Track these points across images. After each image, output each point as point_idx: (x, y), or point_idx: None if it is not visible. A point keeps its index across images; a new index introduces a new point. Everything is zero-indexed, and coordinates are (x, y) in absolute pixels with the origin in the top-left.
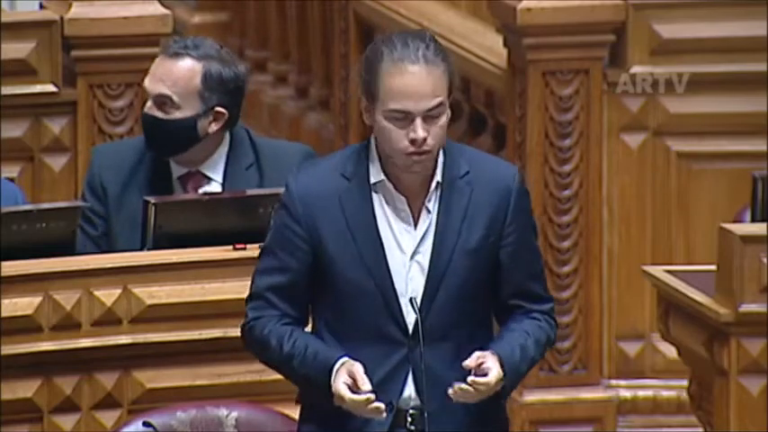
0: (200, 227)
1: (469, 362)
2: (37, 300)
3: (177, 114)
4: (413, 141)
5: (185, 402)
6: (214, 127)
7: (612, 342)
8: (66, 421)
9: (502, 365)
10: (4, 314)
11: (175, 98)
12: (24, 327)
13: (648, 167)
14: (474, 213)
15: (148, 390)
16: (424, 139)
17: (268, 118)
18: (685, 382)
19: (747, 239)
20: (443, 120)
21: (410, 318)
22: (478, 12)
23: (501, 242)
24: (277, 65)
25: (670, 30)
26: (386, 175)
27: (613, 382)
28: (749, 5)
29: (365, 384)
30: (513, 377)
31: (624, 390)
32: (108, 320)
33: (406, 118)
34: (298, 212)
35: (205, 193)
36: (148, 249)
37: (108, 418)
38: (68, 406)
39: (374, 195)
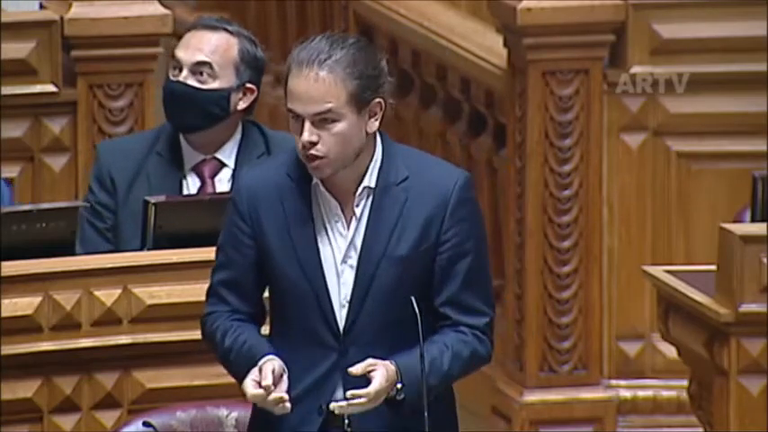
0: (200, 227)
1: (355, 369)
2: (37, 300)
3: (214, 84)
4: (302, 145)
5: (185, 402)
6: (242, 104)
7: (612, 342)
8: (66, 421)
9: (400, 375)
10: (4, 314)
11: (215, 66)
12: (24, 327)
13: (648, 167)
14: (407, 220)
15: (148, 390)
16: (312, 143)
17: (268, 118)
18: (685, 382)
19: (747, 239)
20: (339, 127)
21: (342, 322)
22: (478, 12)
23: (437, 249)
24: (277, 65)
25: (670, 30)
26: (320, 179)
27: (613, 382)
28: (749, 5)
29: (266, 380)
30: (414, 387)
31: (624, 390)
32: (108, 320)
33: (298, 117)
34: (243, 207)
35: (205, 193)
36: (148, 249)
37: (108, 418)
38: (68, 406)
39: (312, 197)
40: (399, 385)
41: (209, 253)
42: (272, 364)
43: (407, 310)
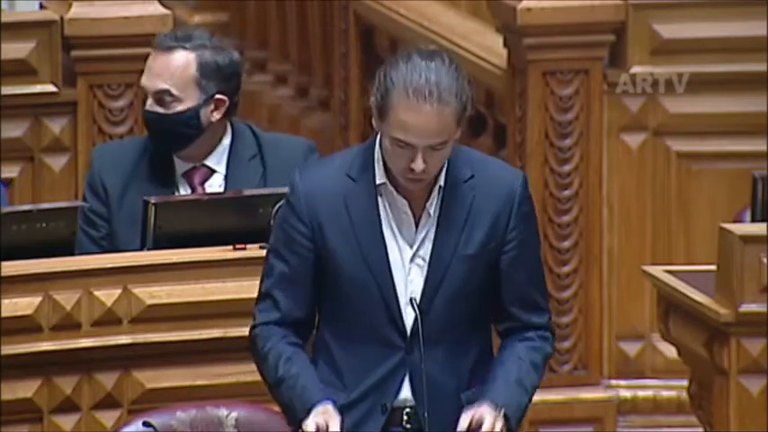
0: (200, 227)
1: (461, 427)
2: (37, 300)
3: (179, 107)
4: (411, 170)
5: (185, 402)
6: (216, 115)
7: (612, 342)
8: (66, 421)
9: (500, 408)
10: (4, 314)
11: (174, 91)
12: (24, 327)
13: (648, 167)
14: (476, 218)
15: (148, 390)
16: (423, 170)
17: (268, 118)
18: (685, 382)
19: (747, 239)
20: (445, 150)
21: (409, 320)
22: (478, 12)
23: (502, 248)
24: (277, 65)
25: (670, 30)
26: (389, 177)
27: (613, 382)
28: (749, 5)
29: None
30: (517, 414)
31: (624, 390)
32: (108, 320)
33: (408, 146)
34: (302, 210)
35: (205, 193)
36: (148, 249)
37: (108, 418)
38: (68, 406)
39: (378, 197)
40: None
41: (209, 253)
42: (335, 419)
43: (472, 308)
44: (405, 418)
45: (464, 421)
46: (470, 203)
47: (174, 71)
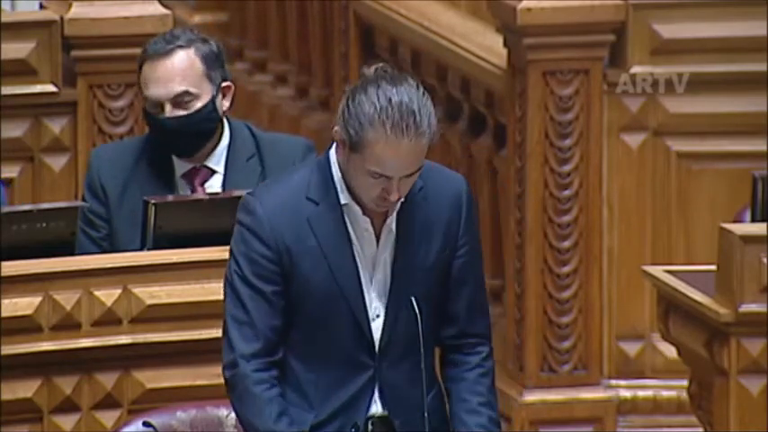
0: (200, 227)
1: None
2: (37, 300)
3: (198, 104)
4: (384, 199)
5: (185, 402)
6: (226, 103)
7: (612, 342)
8: (66, 421)
9: None
10: (4, 314)
11: (192, 89)
12: (24, 327)
13: (648, 167)
14: (431, 228)
15: (148, 390)
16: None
17: (268, 118)
18: (685, 382)
19: (747, 239)
20: (417, 173)
21: (377, 335)
22: (478, 12)
23: (454, 254)
24: (277, 65)
25: (670, 30)
26: (352, 197)
27: (613, 382)
28: (749, 5)
29: None
30: None
31: (624, 390)
32: (108, 320)
33: (383, 177)
34: (267, 236)
35: (205, 193)
36: (148, 249)
37: (108, 418)
38: (68, 406)
39: (344, 216)
40: None
41: (209, 253)
42: None
43: (430, 318)
44: (370, 427)
45: None
46: (425, 214)
47: (186, 71)
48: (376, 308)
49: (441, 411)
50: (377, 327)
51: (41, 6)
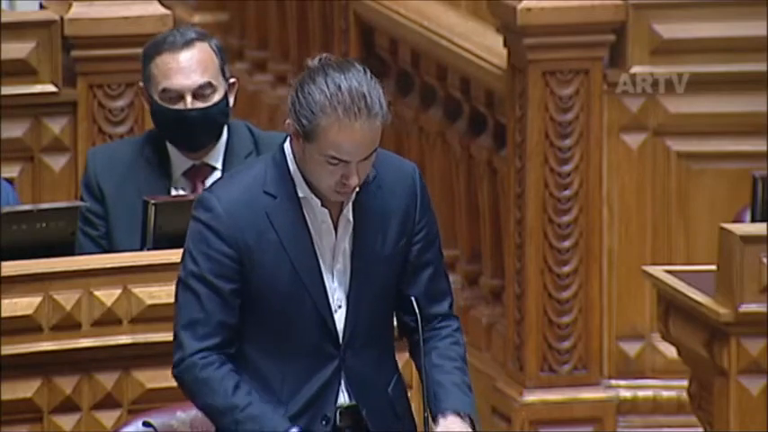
0: None
1: None
2: (37, 300)
3: (216, 97)
4: (344, 184)
5: (185, 402)
6: (232, 99)
7: (612, 342)
8: (67, 421)
9: (465, 416)
10: (4, 314)
11: (213, 81)
12: (24, 327)
13: (648, 167)
14: (387, 217)
15: (148, 390)
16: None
17: (268, 118)
18: (685, 382)
19: (747, 239)
20: (373, 156)
21: (340, 326)
22: (478, 12)
23: (412, 240)
24: (277, 65)
25: (670, 30)
26: (310, 190)
27: (613, 382)
28: (749, 5)
29: None
30: (476, 416)
31: (624, 390)
32: (108, 320)
33: (341, 162)
34: (225, 233)
35: None
36: (148, 249)
37: (108, 418)
38: (68, 406)
39: (303, 209)
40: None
41: None
42: None
43: (390, 305)
44: (338, 417)
45: None
46: (380, 203)
47: (208, 62)
48: (338, 299)
49: (403, 398)
50: (339, 317)
51: (41, 6)
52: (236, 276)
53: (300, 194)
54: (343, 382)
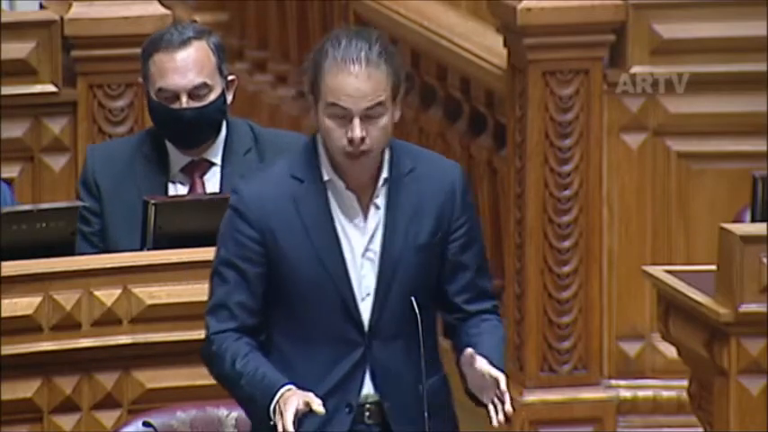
0: (200, 227)
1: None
2: (37, 300)
3: (212, 96)
4: (350, 141)
5: (185, 402)
6: (230, 97)
7: (612, 342)
8: (67, 421)
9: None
10: (4, 314)
11: (209, 81)
12: (24, 327)
13: (648, 167)
14: (422, 209)
15: (148, 390)
16: (362, 139)
17: (268, 118)
18: (685, 382)
19: (747, 239)
20: (384, 121)
21: (365, 316)
22: (478, 12)
23: (449, 237)
24: (277, 65)
25: (670, 30)
26: (335, 172)
27: (613, 382)
28: (749, 5)
29: (321, 407)
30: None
31: (624, 390)
32: (108, 320)
33: (345, 116)
34: (251, 217)
35: (205, 193)
36: (148, 249)
37: (108, 418)
38: (68, 406)
39: (328, 194)
40: None
41: (209, 253)
42: (294, 400)
43: (424, 300)
44: (366, 414)
45: (487, 368)
46: (415, 195)
47: (204, 62)
48: (366, 287)
49: (439, 398)
50: (366, 306)
51: (41, 6)
52: (261, 260)
53: (326, 178)
54: (367, 371)
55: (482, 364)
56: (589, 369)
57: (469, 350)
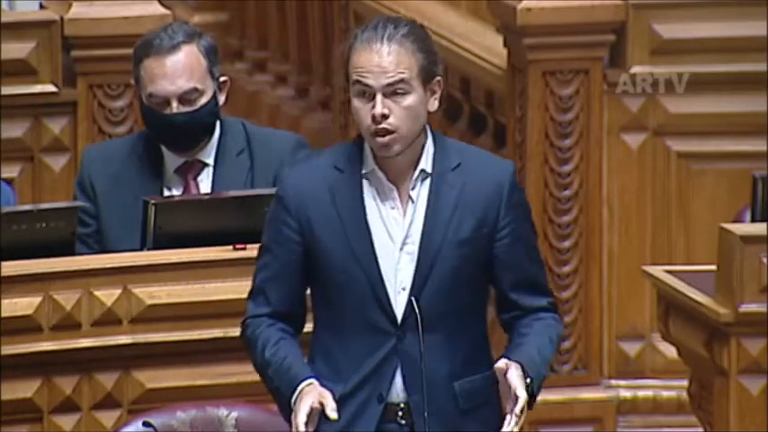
0: (200, 227)
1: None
2: (37, 300)
3: (203, 100)
4: (373, 118)
5: (185, 402)
6: (222, 98)
7: (612, 342)
8: (67, 421)
9: (525, 372)
10: (4, 314)
11: (199, 86)
12: (24, 327)
13: (648, 167)
14: (465, 205)
15: (148, 390)
16: (384, 116)
17: (268, 118)
18: (685, 382)
19: (747, 239)
20: (409, 100)
21: (399, 309)
22: (478, 12)
23: (495, 236)
24: (277, 65)
25: (670, 30)
26: (377, 164)
27: (613, 382)
28: (749, 5)
29: (334, 412)
30: (539, 380)
31: (624, 390)
32: (108, 320)
33: (368, 93)
34: (291, 204)
35: (205, 194)
36: (148, 249)
37: (108, 418)
38: (68, 406)
39: (365, 185)
40: (529, 380)
41: (209, 253)
42: (328, 394)
43: (466, 295)
44: (399, 414)
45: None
46: (459, 190)
47: (194, 67)
48: (402, 281)
49: (476, 397)
50: (402, 300)
51: (41, 6)
52: (300, 248)
53: (366, 169)
54: (399, 365)
55: (512, 377)
56: (589, 369)
57: (503, 360)
